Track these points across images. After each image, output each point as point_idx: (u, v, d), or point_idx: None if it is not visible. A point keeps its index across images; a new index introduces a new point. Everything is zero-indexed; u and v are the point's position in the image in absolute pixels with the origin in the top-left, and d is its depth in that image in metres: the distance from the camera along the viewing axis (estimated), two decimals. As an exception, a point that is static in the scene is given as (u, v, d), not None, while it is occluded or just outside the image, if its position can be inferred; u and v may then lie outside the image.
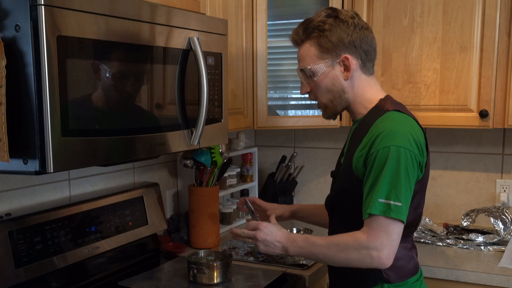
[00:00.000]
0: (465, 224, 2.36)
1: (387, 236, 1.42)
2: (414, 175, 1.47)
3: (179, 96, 1.65)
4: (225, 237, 2.38)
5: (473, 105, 2.22)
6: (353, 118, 1.66)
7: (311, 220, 1.93)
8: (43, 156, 1.23)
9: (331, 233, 1.67)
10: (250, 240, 1.64)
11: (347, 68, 1.56)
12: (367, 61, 1.59)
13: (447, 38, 2.22)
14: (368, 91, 1.60)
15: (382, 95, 1.62)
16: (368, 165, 1.47)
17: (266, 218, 1.89)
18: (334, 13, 1.56)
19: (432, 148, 2.57)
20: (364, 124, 1.56)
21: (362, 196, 1.50)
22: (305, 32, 1.58)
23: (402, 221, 1.43)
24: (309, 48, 1.58)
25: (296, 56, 1.66)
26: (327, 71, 1.57)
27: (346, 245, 1.46)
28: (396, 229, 1.43)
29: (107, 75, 1.39)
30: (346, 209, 1.59)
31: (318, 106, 1.67)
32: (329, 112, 1.65)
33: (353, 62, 1.56)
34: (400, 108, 1.57)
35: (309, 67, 1.58)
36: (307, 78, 1.61)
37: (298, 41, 1.61)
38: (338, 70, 1.57)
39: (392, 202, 1.41)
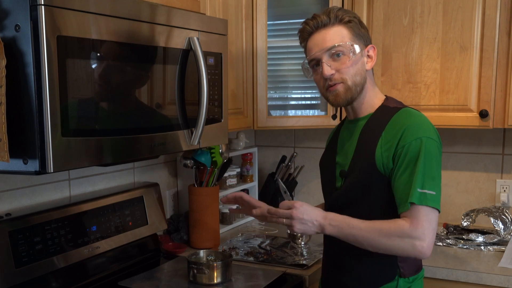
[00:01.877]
0: (465, 224, 2.37)
1: (428, 225, 1.44)
2: (441, 165, 1.52)
3: (179, 96, 1.65)
4: (225, 237, 2.38)
5: (473, 105, 2.22)
6: (354, 116, 1.66)
7: None
8: (43, 156, 1.23)
9: None
10: (284, 220, 1.55)
11: (371, 59, 1.61)
12: None
13: (447, 38, 2.22)
14: (374, 89, 1.65)
15: (383, 95, 1.67)
16: (398, 158, 1.49)
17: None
18: (350, 10, 1.64)
19: (432, 148, 2.57)
20: (378, 121, 1.58)
21: (383, 191, 1.53)
22: (337, 17, 1.56)
23: (438, 210, 1.47)
24: (341, 30, 1.56)
25: (296, 54, 1.66)
26: (360, 55, 1.57)
27: (389, 232, 1.46)
28: (435, 218, 1.46)
29: (107, 75, 1.39)
30: (363, 205, 1.58)
31: (338, 87, 1.56)
32: (348, 96, 1.58)
33: (375, 54, 1.62)
34: (407, 106, 1.62)
35: (349, 43, 1.54)
36: (336, 57, 1.55)
37: (326, 23, 1.56)
38: (364, 59, 1.60)
39: (427, 191, 1.45)
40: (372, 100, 1.63)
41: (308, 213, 1.53)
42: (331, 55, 1.56)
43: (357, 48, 1.56)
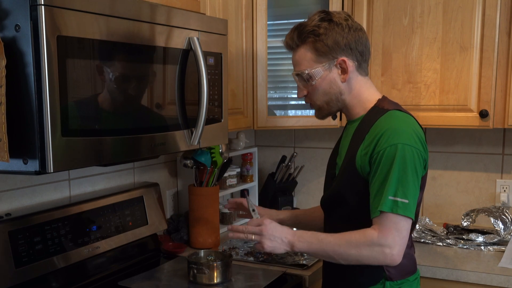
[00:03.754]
0: (465, 224, 2.37)
1: (398, 233, 1.44)
2: (420, 172, 1.50)
3: (179, 96, 1.65)
4: (225, 237, 2.38)
5: (473, 105, 2.22)
6: (349, 118, 1.66)
7: (308, 227, 1.91)
8: (43, 156, 1.23)
9: (328, 231, 1.66)
10: (253, 237, 1.57)
11: (344, 71, 1.57)
12: (363, 62, 1.60)
13: (447, 38, 2.22)
14: (365, 92, 1.62)
15: (379, 95, 1.64)
16: (374, 163, 1.48)
17: None
18: (327, 17, 1.56)
19: (432, 148, 2.57)
20: (366, 123, 1.57)
21: (365, 195, 1.52)
22: (300, 37, 1.58)
23: (411, 218, 1.46)
24: (305, 53, 1.58)
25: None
26: (325, 74, 1.57)
27: (358, 242, 1.46)
28: (406, 226, 1.46)
29: (107, 75, 1.39)
30: (347, 208, 1.59)
31: (311, 107, 1.68)
32: (323, 113, 1.66)
33: (350, 64, 1.57)
34: (399, 108, 1.59)
35: (306, 71, 1.58)
36: (304, 82, 1.61)
37: (292, 46, 1.62)
38: (335, 73, 1.58)
39: (399, 199, 1.43)
40: (363, 103, 1.61)
41: (278, 230, 1.56)
42: (300, 78, 1.62)
43: (317, 73, 1.57)
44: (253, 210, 1.76)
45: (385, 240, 1.43)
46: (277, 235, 1.55)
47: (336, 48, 1.55)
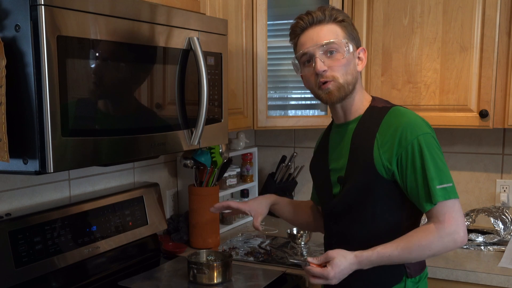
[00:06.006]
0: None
1: (457, 215, 1.48)
2: (443, 154, 1.53)
3: (179, 96, 1.65)
4: (225, 237, 2.38)
5: (473, 105, 2.22)
6: (344, 120, 1.63)
7: (285, 216, 1.89)
8: (43, 156, 1.23)
9: (339, 237, 1.63)
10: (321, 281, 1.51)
11: (361, 61, 1.61)
12: None
13: (447, 38, 2.22)
14: (362, 91, 1.65)
15: (370, 96, 1.66)
16: (403, 161, 1.49)
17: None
18: (339, 11, 1.62)
19: (432, 148, 2.57)
20: (369, 123, 1.57)
21: (384, 193, 1.53)
22: (331, 15, 1.56)
23: (458, 197, 1.50)
24: (336, 29, 1.56)
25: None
26: (352, 55, 1.58)
27: (429, 242, 1.47)
28: (459, 205, 1.50)
29: (107, 75, 1.39)
30: (365, 209, 1.56)
31: (324, 87, 1.55)
32: (341, 94, 1.56)
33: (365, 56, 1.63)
34: (395, 104, 1.63)
35: (344, 40, 1.54)
36: (327, 56, 1.54)
37: (321, 20, 1.55)
38: (355, 60, 1.60)
39: (446, 185, 1.47)
40: (361, 102, 1.62)
41: (342, 272, 1.49)
42: (325, 51, 1.54)
43: (351, 47, 1.56)
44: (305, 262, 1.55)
45: (450, 227, 1.46)
46: (345, 274, 1.49)
47: (359, 38, 1.62)
